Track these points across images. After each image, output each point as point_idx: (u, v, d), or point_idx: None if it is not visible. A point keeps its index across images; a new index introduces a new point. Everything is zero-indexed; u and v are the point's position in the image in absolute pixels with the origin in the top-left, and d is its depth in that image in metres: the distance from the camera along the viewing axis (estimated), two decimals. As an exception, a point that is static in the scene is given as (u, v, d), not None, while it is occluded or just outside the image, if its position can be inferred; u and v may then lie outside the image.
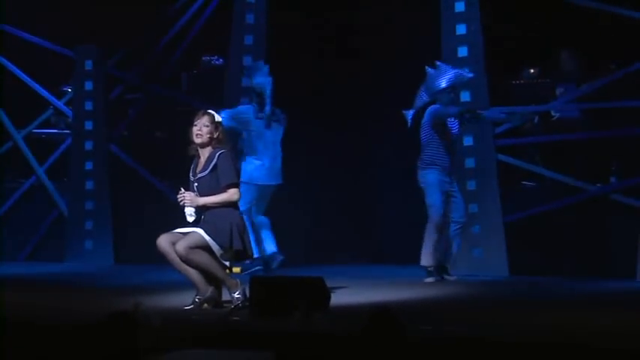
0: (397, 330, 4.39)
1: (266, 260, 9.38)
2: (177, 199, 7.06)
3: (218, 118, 7.16)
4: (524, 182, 9.96)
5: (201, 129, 7.07)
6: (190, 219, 7.05)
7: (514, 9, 9.40)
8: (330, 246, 10.21)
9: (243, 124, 9.40)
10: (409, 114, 8.89)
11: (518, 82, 10.31)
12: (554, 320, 6.66)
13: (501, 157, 9.58)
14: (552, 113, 10.13)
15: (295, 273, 8.12)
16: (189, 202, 7.02)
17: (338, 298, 7.01)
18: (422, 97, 8.88)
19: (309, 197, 10.25)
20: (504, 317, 6.89)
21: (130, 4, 10.33)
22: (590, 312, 7.14)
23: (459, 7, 9.54)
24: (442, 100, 8.75)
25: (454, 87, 8.78)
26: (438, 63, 8.86)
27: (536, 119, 10.07)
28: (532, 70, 10.33)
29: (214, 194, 7.03)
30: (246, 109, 9.52)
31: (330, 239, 10.23)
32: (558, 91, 10.03)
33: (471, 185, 9.50)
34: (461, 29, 9.55)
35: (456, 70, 8.80)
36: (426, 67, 8.79)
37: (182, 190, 7.04)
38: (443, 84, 8.71)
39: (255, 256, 8.90)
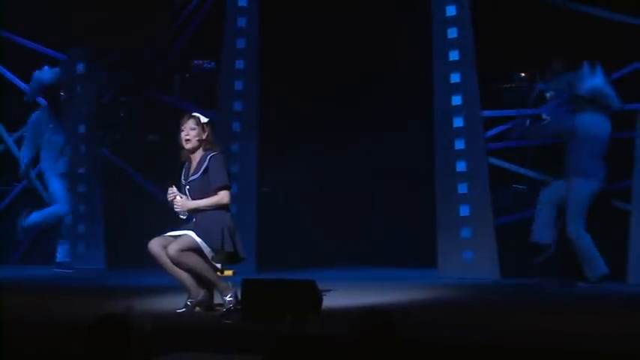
0: (389, 333, 4.37)
1: None
2: (167, 198, 7.06)
3: (204, 119, 7.14)
4: (515, 185, 9.96)
5: (188, 133, 7.06)
6: (183, 217, 7.05)
7: (505, 13, 9.39)
8: (326, 249, 10.17)
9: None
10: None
11: (508, 85, 10.32)
12: (544, 324, 6.67)
13: (492, 160, 9.58)
14: (543, 117, 10.13)
15: (290, 276, 8.10)
16: (180, 206, 7.01)
17: (330, 301, 7.01)
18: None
19: (307, 202, 10.22)
20: (495, 320, 6.89)
21: (123, 7, 10.30)
22: (580, 315, 7.16)
23: (451, 10, 9.55)
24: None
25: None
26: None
27: (528, 122, 10.07)
28: (523, 74, 10.34)
29: (206, 197, 7.03)
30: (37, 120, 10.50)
31: (326, 243, 10.19)
32: (548, 94, 10.02)
33: (463, 188, 9.51)
34: (452, 33, 9.55)
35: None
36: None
37: (173, 188, 7.03)
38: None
39: None
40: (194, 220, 7.02)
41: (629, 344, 5.64)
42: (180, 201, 7.02)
